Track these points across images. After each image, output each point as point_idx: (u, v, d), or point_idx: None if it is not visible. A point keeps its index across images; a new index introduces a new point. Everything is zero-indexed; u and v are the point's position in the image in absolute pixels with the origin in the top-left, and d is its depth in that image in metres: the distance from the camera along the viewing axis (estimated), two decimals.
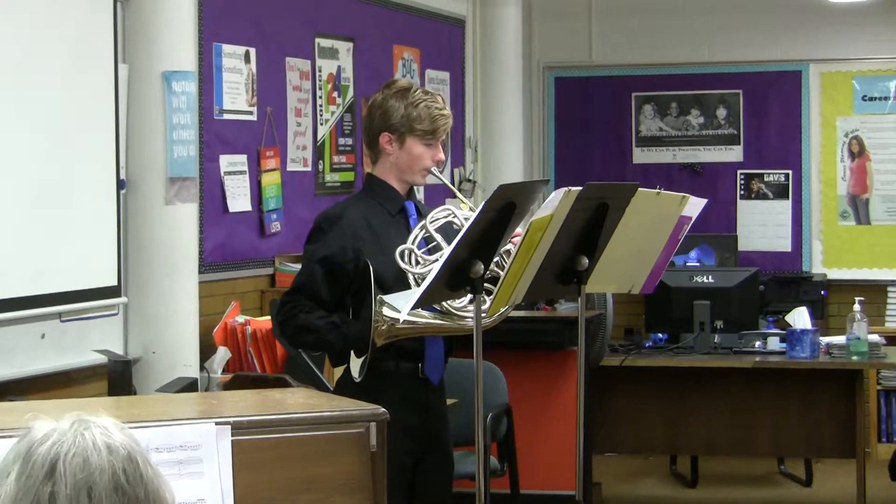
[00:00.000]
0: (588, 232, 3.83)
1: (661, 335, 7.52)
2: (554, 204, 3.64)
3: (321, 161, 7.25)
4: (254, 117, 6.64)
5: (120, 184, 5.49)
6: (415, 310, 3.75)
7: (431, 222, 4.00)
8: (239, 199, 6.49)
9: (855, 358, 6.98)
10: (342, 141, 7.44)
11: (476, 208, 3.67)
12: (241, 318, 6.03)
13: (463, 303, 3.91)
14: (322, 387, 5.33)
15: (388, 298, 3.84)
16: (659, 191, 4.03)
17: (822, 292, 9.11)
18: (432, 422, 4.15)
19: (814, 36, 9.40)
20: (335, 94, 7.38)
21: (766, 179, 9.50)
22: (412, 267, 3.92)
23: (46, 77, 5.09)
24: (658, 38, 9.59)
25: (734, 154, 9.57)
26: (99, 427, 1.80)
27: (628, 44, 9.65)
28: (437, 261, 3.82)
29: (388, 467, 2.91)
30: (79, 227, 5.27)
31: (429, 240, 3.99)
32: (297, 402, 3.14)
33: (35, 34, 5.05)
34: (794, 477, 8.14)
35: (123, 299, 5.54)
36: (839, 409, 7.18)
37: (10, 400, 4.57)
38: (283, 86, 6.91)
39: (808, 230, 9.41)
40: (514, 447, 6.29)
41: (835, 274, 9.32)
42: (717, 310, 7.27)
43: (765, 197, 9.51)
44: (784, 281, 9.09)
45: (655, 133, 9.70)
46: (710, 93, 9.61)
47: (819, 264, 9.38)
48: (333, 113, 7.37)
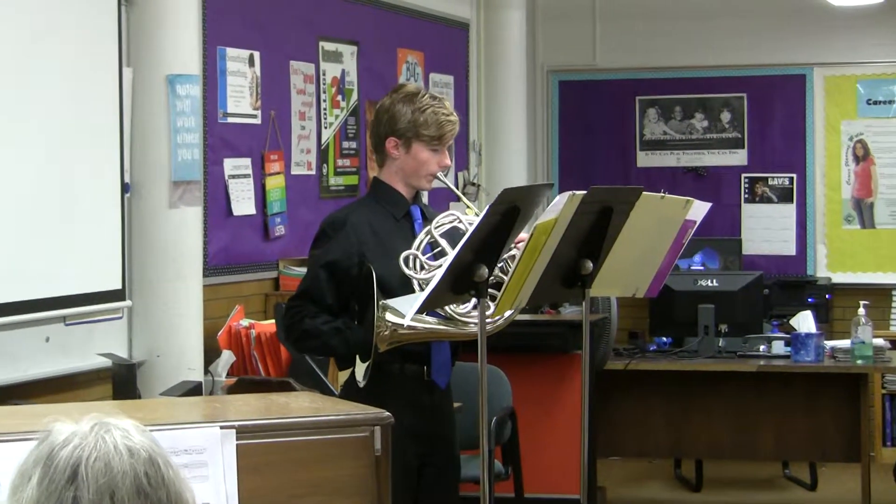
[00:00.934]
0: (592, 236, 3.83)
1: (665, 339, 7.51)
2: (558, 208, 3.64)
3: (325, 164, 7.26)
4: (258, 121, 6.64)
5: (124, 187, 5.49)
6: (419, 314, 3.75)
7: (436, 227, 4.00)
8: (243, 203, 6.49)
9: (859, 362, 6.97)
10: (346, 144, 7.44)
11: (480, 213, 3.67)
12: (246, 322, 6.03)
13: (467, 308, 3.91)
14: (327, 390, 5.33)
15: (391, 303, 3.84)
16: (663, 194, 4.03)
17: (827, 296, 9.10)
18: (438, 425, 4.15)
19: (818, 39, 9.40)
20: (339, 97, 7.38)
21: (770, 183, 9.50)
22: (416, 272, 3.92)
23: (50, 80, 5.10)
24: (662, 42, 9.59)
25: (738, 158, 9.57)
26: (119, 430, 1.80)
27: (632, 47, 9.65)
28: (441, 266, 3.82)
29: (394, 470, 2.91)
30: (83, 230, 5.27)
31: (434, 245, 3.99)
32: (301, 405, 3.14)
33: (39, 38, 5.05)
34: (798, 481, 8.13)
35: (128, 303, 5.54)
36: (844, 413, 7.18)
37: (15, 404, 4.57)
38: (287, 89, 6.91)
39: (812, 234, 9.40)
40: (518, 451, 6.29)
41: (839, 278, 9.31)
42: (722, 313, 7.26)
43: (769, 200, 9.50)
44: (788, 285, 9.08)
45: (659, 136, 9.70)
46: (714, 96, 9.61)
47: (823, 268, 9.37)
48: (337, 116, 7.37)
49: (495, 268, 3.72)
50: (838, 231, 9.38)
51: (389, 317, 3.83)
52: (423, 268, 3.93)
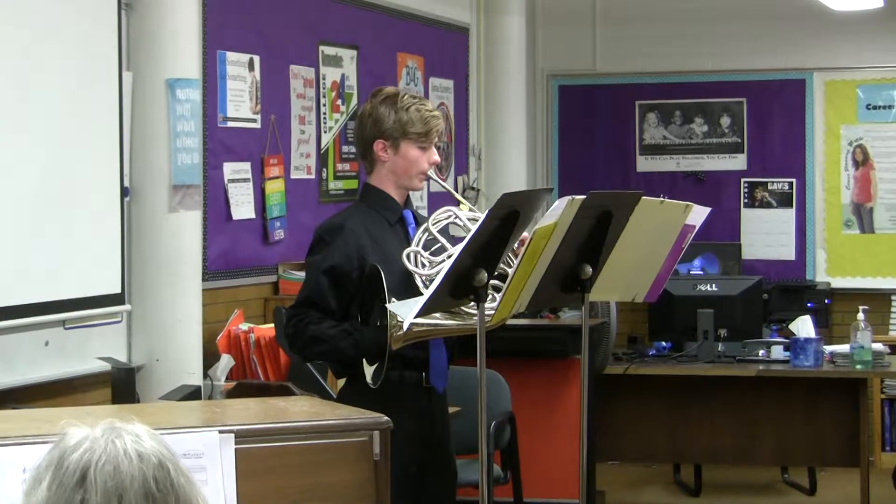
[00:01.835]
0: (592, 240, 3.83)
1: (664, 343, 7.51)
2: (558, 212, 3.64)
3: (325, 169, 7.26)
4: (258, 125, 6.64)
5: (124, 191, 5.49)
6: (418, 318, 3.75)
7: (434, 224, 4.00)
8: (242, 207, 6.49)
9: (859, 367, 6.97)
10: (346, 149, 7.44)
11: (476, 210, 3.67)
12: (245, 326, 6.03)
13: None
14: (326, 395, 5.32)
15: (391, 307, 3.84)
16: (662, 199, 4.04)
17: (826, 301, 9.10)
18: (436, 430, 4.15)
19: (818, 44, 9.40)
20: (339, 101, 7.38)
21: (769, 188, 9.50)
22: (419, 269, 3.92)
23: (51, 85, 5.10)
24: (662, 47, 9.59)
25: (738, 162, 9.57)
26: (130, 434, 1.81)
27: (632, 52, 9.65)
28: (444, 262, 3.83)
29: (393, 476, 2.91)
30: (83, 234, 5.27)
31: (432, 242, 3.99)
32: (300, 410, 3.13)
33: (39, 42, 5.05)
34: (797, 486, 8.13)
35: (127, 307, 5.53)
36: (843, 417, 7.18)
37: (13, 408, 4.57)
38: (287, 93, 6.91)
39: (812, 239, 9.41)
40: (517, 455, 6.29)
41: (839, 283, 9.31)
42: (721, 318, 7.26)
43: (769, 205, 9.50)
44: (788, 289, 9.08)
45: (659, 141, 9.70)
46: (713, 101, 9.61)
47: (823, 273, 9.37)
48: (337, 121, 7.37)
49: (495, 272, 3.72)
50: (838, 236, 9.38)
51: (400, 316, 3.82)
52: (425, 264, 3.93)
